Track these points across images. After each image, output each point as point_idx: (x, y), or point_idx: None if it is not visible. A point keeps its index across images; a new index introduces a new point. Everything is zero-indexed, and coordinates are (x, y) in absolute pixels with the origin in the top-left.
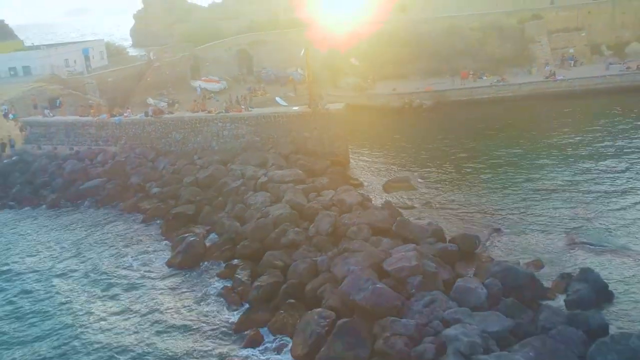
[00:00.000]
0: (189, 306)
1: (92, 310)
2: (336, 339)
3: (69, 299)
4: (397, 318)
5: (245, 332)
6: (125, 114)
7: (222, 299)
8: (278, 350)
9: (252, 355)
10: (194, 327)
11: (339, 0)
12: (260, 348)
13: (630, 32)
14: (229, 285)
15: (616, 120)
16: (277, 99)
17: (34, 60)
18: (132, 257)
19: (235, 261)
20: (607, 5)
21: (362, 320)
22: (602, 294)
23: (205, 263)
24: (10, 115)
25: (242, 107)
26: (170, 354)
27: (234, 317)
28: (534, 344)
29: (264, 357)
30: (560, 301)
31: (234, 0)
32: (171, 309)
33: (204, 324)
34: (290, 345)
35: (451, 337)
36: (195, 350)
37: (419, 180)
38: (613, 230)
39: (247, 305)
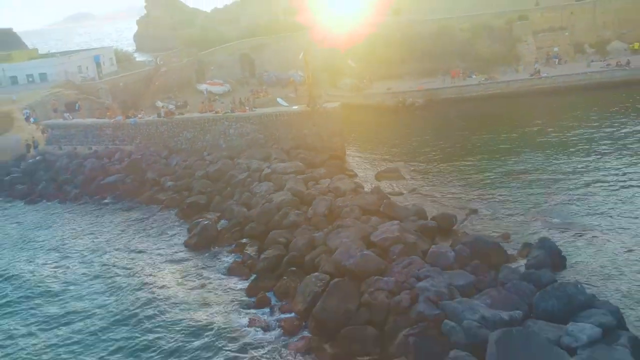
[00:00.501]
0: (205, 277)
1: (119, 285)
2: (329, 295)
3: (96, 274)
4: (380, 277)
5: (255, 297)
6: (139, 116)
7: (233, 271)
8: (282, 309)
9: (261, 313)
10: (211, 294)
11: (338, 3)
12: (268, 308)
13: (611, 31)
14: (239, 259)
15: (591, 113)
16: (279, 99)
17: (49, 68)
18: (152, 239)
19: (244, 240)
20: (589, 6)
21: (351, 281)
22: (556, 259)
23: (218, 245)
24: (32, 119)
25: (247, 107)
26: (189, 316)
27: (244, 285)
28: (491, 294)
29: (271, 316)
30: (521, 264)
31: (235, 5)
32: (190, 280)
33: (218, 291)
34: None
35: (422, 288)
36: (211, 312)
37: (409, 170)
38: (571, 207)
39: (254, 276)
